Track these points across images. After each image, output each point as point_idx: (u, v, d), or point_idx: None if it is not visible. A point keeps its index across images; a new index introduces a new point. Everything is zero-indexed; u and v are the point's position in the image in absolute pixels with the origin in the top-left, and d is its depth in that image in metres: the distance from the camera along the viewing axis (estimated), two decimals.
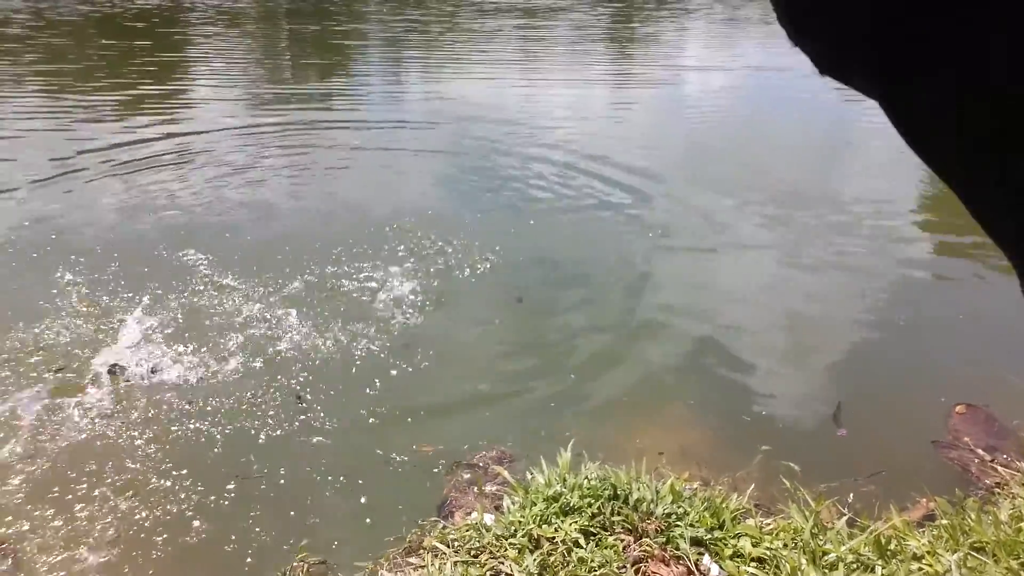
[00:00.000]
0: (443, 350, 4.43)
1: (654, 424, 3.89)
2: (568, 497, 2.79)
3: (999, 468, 3.20)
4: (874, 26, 0.38)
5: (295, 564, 2.86)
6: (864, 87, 0.42)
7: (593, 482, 2.89)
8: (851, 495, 3.21)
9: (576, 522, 2.68)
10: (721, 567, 2.57)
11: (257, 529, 3.14)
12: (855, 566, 2.49)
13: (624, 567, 2.54)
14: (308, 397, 3.94)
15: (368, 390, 4.04)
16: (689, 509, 2.78)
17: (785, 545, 2.64)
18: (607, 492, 2.82)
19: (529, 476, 3.03)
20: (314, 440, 3.65)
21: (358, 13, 18.51)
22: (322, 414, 3.82)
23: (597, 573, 2.48)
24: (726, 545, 2.65)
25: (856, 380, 4.25)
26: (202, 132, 8.28)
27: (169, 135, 8.14)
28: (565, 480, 2.89)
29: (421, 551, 2.73)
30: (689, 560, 2.57)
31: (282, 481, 3.40)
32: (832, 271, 5.54)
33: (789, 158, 8.36)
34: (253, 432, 3.68)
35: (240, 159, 7.51)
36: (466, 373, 4.25)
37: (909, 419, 3.87)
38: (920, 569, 2.42)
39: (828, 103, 10.49)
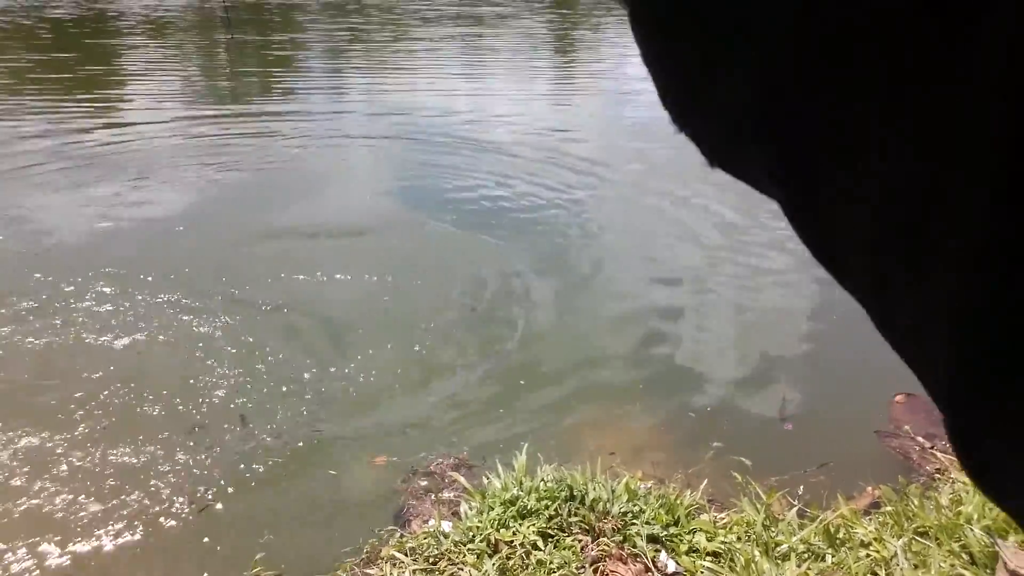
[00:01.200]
0: (390, 358, 4.39)
1: (607, 425, 3.93)
2: (525, 500, 2.79)
3: (938, 455, 3.32)
4: (768, 105, 0.29)
5: None
6: (763, 185, 0.34)
7: (549, 484, 2.90)
8: (801, 487, 3.27)
9: (534, 525, 2.68)
10: (678, 563, 2.61)
11: (211, 546, 3.07)
12: (806, 556, 2.56)
13: (583, 567, 2.55)
14: (251, 418, 3.86)
15: (313, 404, 3.98)
16: (645, 507, 2.82)
17: (739, 538, 2.69)
18: (563, 493, 2.84)
19: (486, 481, 3.03)
20: (263, 457, 3.58)
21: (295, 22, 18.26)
22: (268, 433, 3.75)
23: (557, 574, 2.49)
24: (682, 541, 2.69)
25: (801, 373, 4.36)
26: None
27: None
28: (522, 483, 2.89)
29: (379, 561, 2.70)
30: (646, 557, 2.60)
31: (234, 499, 3.33)
32: (776, 263, 5.67)
33: None
34: (202, 455, 3.59)
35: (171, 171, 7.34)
36: (415, 382, 4.21)
37: (853, 410, 3.99)
38: (868, 555, 2.50)
39: None
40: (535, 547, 2.60)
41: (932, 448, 3.43)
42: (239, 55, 13.51)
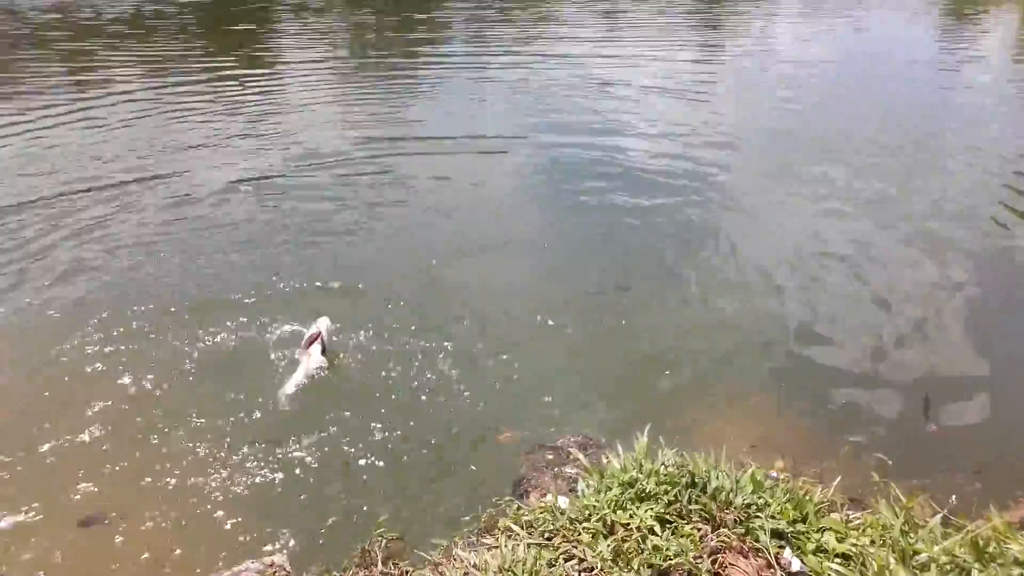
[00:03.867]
0: (538, 342, 4.41)
1: (736, 412, 3.80)
2: (644, 483, 2.74)
3: None
4: None
5: (373, 538, 2.92)
6: None
7: (670, 468, 2.83)
8: (948, 493, 3.04)
9: (652, 509, 2.63)
10: (803, 562, 2.48)
11: (341, 499, 3.23)
12: (949, 568, 2.36)
13: (700, 557, 2.48)
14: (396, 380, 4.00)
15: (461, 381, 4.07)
16: (770, 500, 2.70)
17: (872, 542, 2.53)
18: (684, 479, 2.76)
19: (605, 461, 3.00)
20: (396, 421, 3.72)
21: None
22: (407, 402, 3.88)
23: (673, 562, 2.44)
24: (809, 539, 2.56)
25: (957, 370, 4.02)
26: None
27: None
28: (641, 466, 2.84)
29: (495, 531, 2.74)
30: (769, 553, 2.49)
31: (364, 458, 3.49)
32: (929, 250, 5.24)
33: (868, 133, 7.91)
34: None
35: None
36: (555, 363, 4.21)
37: (1013, 415, 3.64)
38: (1022, 574, 2.27)
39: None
40: (652, 532, 2.56)
41: None
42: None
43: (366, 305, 4.74)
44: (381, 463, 3.45)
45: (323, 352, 4.11)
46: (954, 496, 3.04)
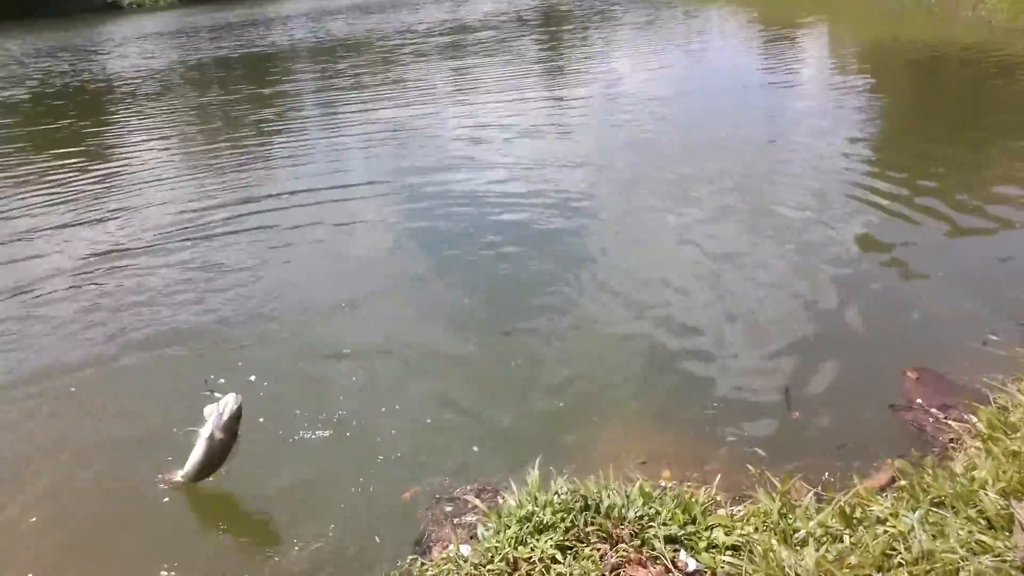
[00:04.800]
0: (415, 394, 4.44)
1: (624, 431, 3.93)
2: (541, 515, 2.81)
3: (952, 424, 3.30)
4: None
5: None
6: None
7: (564, 496, 2.91)
8: (818, 472, 3.27)
9: (551, 538, 2.70)
10: (698, 560, 2.61)
11: None
12: (824, 539, 2.55)
13: (603, 575, 2.56)
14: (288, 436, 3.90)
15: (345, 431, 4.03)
16: (661, 509, 2.82)
17: (756, 529, 2.69)
18: (578, 504, 2.85)
19: (501, 501, 3.05)
20: (293, 493, 3.63)
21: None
22: (301, 466, 3.80)
23: None
24: (700, 538, 2.69)
25: (810, 357, 4.34)
26: None
27: None
28: (536, 499, 2.91)
29: None
30: (666, 558, 2.60)
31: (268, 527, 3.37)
32: (773, 252, 5.68)
33: (726, 150, 8.56)
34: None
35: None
36: (443, 411, 4.24)
37: (866, 389, 3.98)
38: (885, 532, 2.48)
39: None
40: (554, 561, 2.62)
41: (946, 419, 3.41)
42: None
43: (249, 369, 4.63)
44: (280, 550, 3.34)
45: (234, 435, 3.61)
46: (826, 473, 3.28)
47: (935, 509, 2.55)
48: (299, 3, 44.80)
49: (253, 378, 4.58)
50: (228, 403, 3.60)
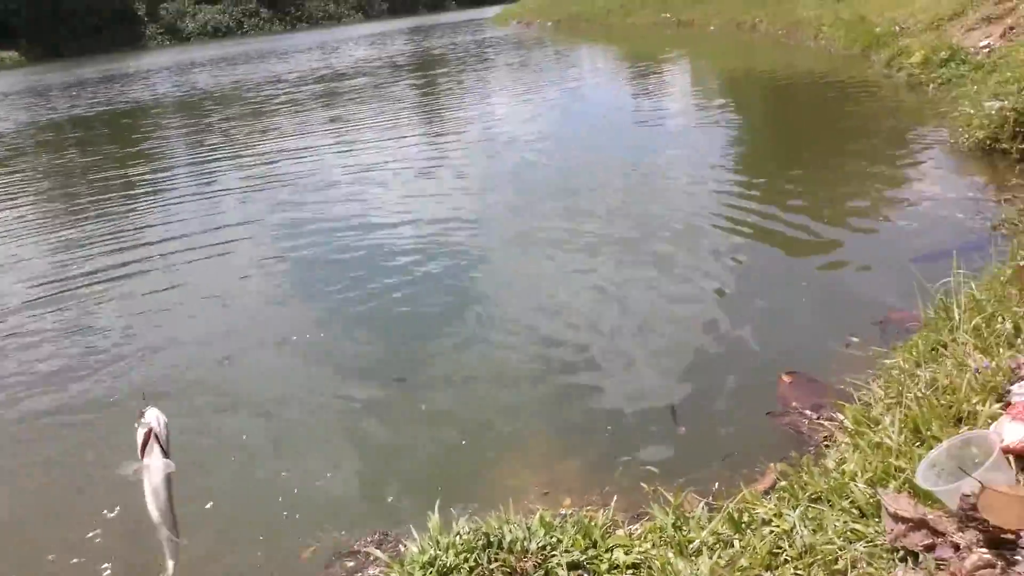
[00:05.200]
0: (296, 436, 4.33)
1: (525, 464, 3.96)
2: (444, 558, 2.78)
3: (825, 423, 3.51)
4: None
5: None
6: None
7: (466, 536, 2.90)
8: (709, 483, 3.40)
9: None
10: None
11: None
12: (717, 546, 2.65)
13: None
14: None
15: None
16: (562, 536, 2.85)
17: (653, 545, 2.76)
18: (481, 542, 2.84)
19: (403, 549, 3.01)
20: (185, 561, 3.44)
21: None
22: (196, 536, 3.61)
23: None
24: (602, 561, 2.74)
25: (693, 373, 4.53)
26: None
27: None
28: (438, 542, 2.88)
29: None
30: None
31: None
32: (653, 276, 5.93)
33: (603, 181, 8.88)
34: None
35: None
36: (341, 462, 4.15)
37: (745, 398, 4.18)
38: (771, 532, 2.61)
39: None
40: None
41: (819, 419, 3.63)
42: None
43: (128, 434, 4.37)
44: None
45: (165, 453, 2.99)
46: (716, 483, 3.42)
47: (814, 505, 2.70)
48: (158, 57, 43.61)
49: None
50: (151, 421, 3.00)
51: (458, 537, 2.89)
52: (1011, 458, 2.33)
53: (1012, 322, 3.18)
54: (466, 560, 2.76)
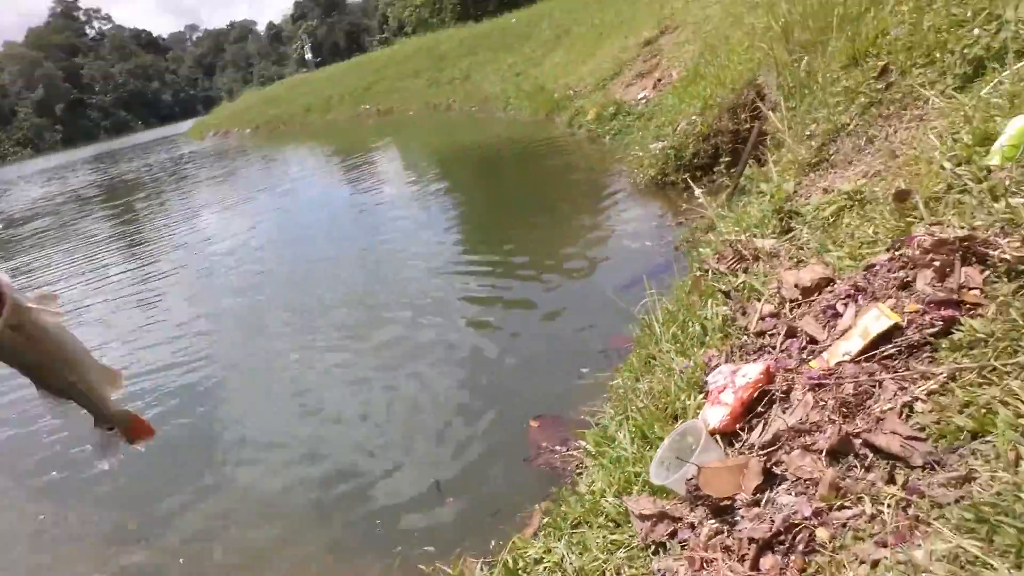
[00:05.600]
0: None
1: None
2: None
3: (574, 453, 3.74)
4: None
5: None
6: None
7: None
8: (484, 542, 3.45)
9: None
10: None
11: None
12: None
13: None
14: None
15: None
16: None
17: None
18: None
19: None
20: None
21: None
22: None
23: None
24: None
25: (450, 442, 4.61)
26: None
27: None
28: None
29: None
30: None
31: None
32: (396, 358, 5.98)
33: (333, 275, 8.84)
34: None
35: None
36: None
37: (501, 452, 4.33)
38: (544, 568, 2.71)
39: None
40: None
41: (568, 451, 3.86)
42: None
43: None
44: None
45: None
46: (492, 541, 3.47)
47: (576, 530, 2.85)
48: None
49: None
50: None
51: None
52: (718, 437, 2.65)
53: (699, 324, 3.66)
54: None
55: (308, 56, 48.83)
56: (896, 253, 2.64)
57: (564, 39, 21.24)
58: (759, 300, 3.34)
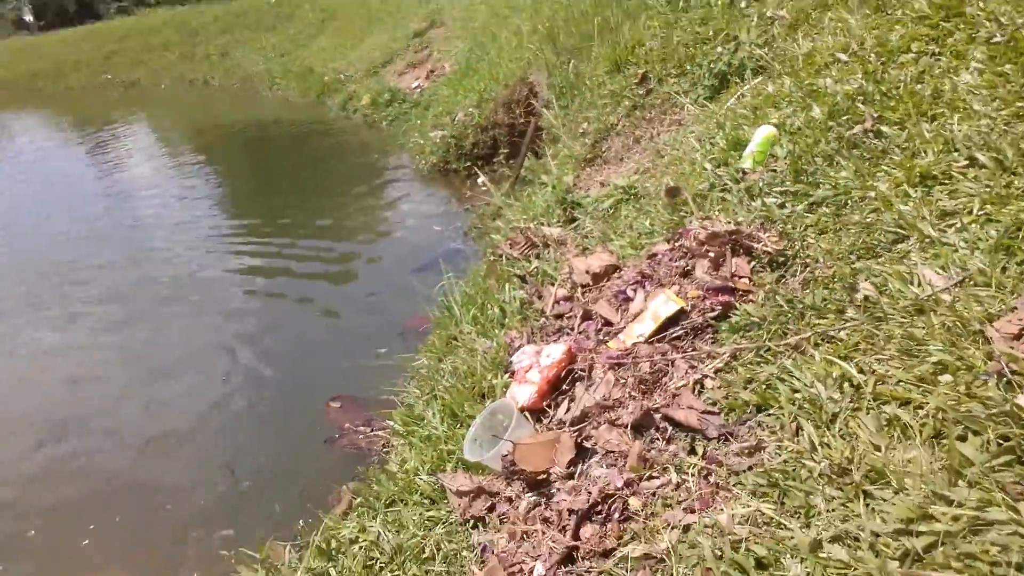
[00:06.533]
0: None
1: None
2: None
3: (379, 433, 3.79)
4: None
5: None
6: None
7: None
8: (290, 524, 3.39)
9: None
10: None
11: None
12: None
13: None
14: None
15: None
16: None
17: None
18: None
19: None
20: None
21: None
22: None
23: None
24: None
25: (242, 427, 4.47)
26: None
27: None
28: None
29: None
30: None
31: None
32: (175, 341, 5.63)
33: (87, 256, 7.98)
34: None
35: None
36: None
37: (300, 435, 4.27)
38: (360, 548, 2.74)
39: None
40: None
41: (373, 431, 3.90)
42: None
43: None
44: None
45: None
46: (300, 521, 3.38)
47: (391, 508, 2.91)
48: None
49: None
50: None
51: None
52: (527, 414, 2.85)
53: (498, 307, 3.86)
54: None
55: (29, 18, 42.57)
56: (675, 244, 3.01)
57: (329, 23, 20.55)
58: (552, 284, 3.60)
